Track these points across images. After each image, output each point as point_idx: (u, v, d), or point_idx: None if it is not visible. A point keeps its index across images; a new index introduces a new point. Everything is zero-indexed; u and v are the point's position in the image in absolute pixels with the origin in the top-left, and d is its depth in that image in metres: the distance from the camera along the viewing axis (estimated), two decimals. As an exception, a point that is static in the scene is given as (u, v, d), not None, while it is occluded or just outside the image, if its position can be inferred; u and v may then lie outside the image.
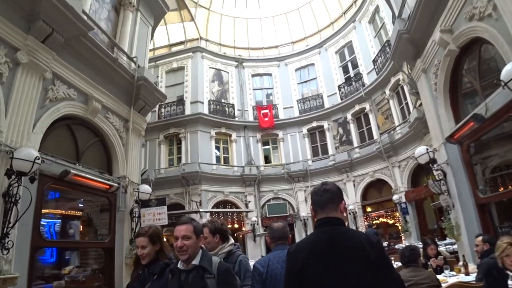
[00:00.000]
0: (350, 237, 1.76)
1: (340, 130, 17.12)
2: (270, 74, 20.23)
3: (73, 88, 6.18)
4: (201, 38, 20.11)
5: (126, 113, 7.62)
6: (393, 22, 8.38)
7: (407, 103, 13.36)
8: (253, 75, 20.17)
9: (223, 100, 18.81)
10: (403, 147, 13.46)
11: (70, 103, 6.06)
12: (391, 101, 14.39)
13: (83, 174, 5.69)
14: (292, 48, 20.65)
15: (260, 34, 21.67)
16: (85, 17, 6.59)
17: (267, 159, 18.67)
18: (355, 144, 16.40)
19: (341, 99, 17.24)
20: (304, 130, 18.24)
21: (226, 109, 18.52)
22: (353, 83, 16.88)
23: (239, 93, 19.14)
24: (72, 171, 5.36)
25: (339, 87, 17.63)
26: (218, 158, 17.51)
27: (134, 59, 8.03)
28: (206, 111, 17.55)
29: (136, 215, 6.88)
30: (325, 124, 17.75)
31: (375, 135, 15.38)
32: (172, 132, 17.22)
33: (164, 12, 10.45)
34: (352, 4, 18.00)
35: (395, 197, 13.58)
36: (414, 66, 7.49)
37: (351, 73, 17.50)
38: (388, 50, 13.75)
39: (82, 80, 6.37)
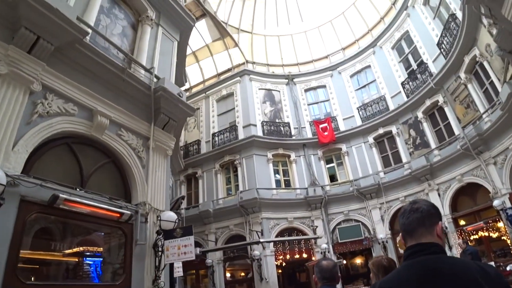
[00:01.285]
0: (458, 269, 1.27)
1: (412, 133, 14.75)
2: (324, 86, 18.93)
3: (72, 102, 5.37)
4: (247, 61, 19.70)
5: (146, 130, 6.67)
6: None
7: (491, 82, 10.82)
8: (306, 90, 19.10)
9: (277, 120, 17.78)
10: (497, 137, 10.74)
11: (68, 119, 5.22)
12: (469, 85, 11.85)
13: (79, 200, 4.66)
14: (344, 55, 19.31)
15: (307, 47, 20.95)
16: (87, 28, 5.92)
17: (332, 178, 16.90)
18: (433, 145, 13.82)
19: (407, 97, 15.03)
20: (370, 139, 16.22)
21: (282, 128, 17.45)
22: (418, 75, 14.62)
23: (294, 111, 18.19)
24: (61, 195, 4.36)
25: (402, 84, 15.47)
26: (278, 182, 16.34)
27: (151, 69, 7.19)
28: (259, 133, 16.73)
29: (160, 249, 5.66)
30: (394, 129, 15.59)
31: (456, 130, 12.70)
32: (227, 160, 16.68)
33: (190, 26, 9.77)
34: (400, -9, 16.23)
35: (496, 203, 10.68)
36: (502, 5, 5.48)
37: (414, 65, 15.35)
38: (454, 25, 11.66)
39: (83, 93, 5.56)
